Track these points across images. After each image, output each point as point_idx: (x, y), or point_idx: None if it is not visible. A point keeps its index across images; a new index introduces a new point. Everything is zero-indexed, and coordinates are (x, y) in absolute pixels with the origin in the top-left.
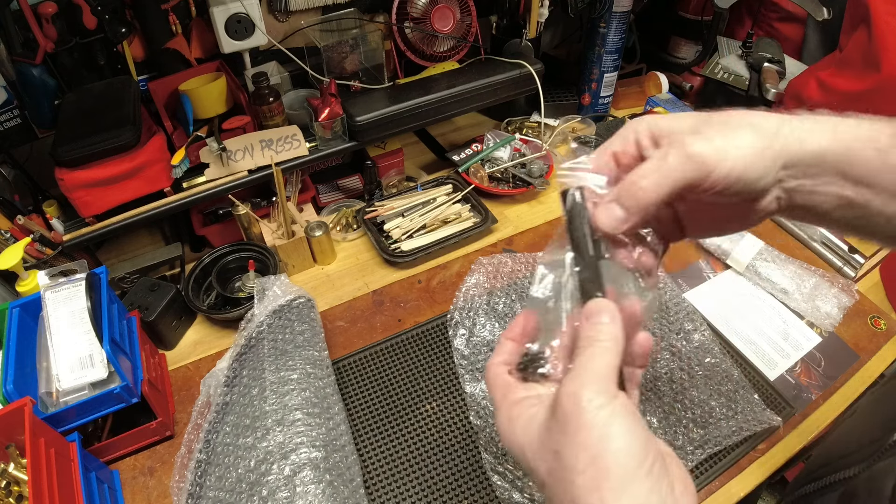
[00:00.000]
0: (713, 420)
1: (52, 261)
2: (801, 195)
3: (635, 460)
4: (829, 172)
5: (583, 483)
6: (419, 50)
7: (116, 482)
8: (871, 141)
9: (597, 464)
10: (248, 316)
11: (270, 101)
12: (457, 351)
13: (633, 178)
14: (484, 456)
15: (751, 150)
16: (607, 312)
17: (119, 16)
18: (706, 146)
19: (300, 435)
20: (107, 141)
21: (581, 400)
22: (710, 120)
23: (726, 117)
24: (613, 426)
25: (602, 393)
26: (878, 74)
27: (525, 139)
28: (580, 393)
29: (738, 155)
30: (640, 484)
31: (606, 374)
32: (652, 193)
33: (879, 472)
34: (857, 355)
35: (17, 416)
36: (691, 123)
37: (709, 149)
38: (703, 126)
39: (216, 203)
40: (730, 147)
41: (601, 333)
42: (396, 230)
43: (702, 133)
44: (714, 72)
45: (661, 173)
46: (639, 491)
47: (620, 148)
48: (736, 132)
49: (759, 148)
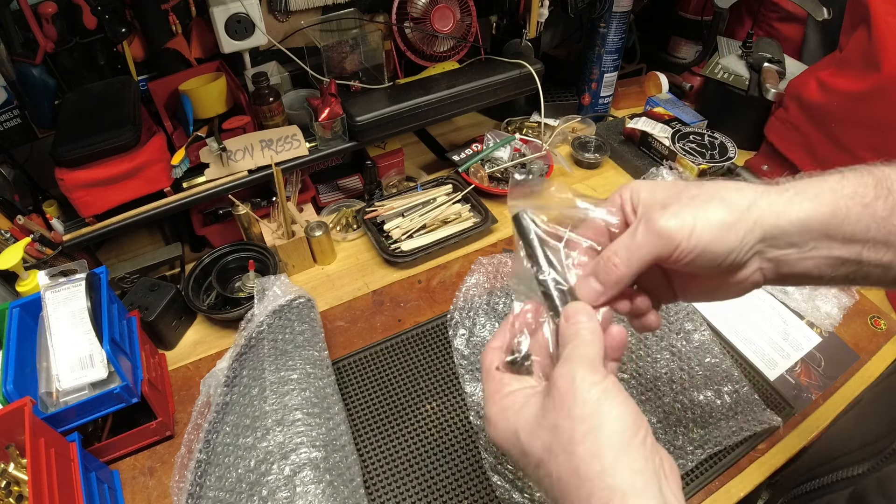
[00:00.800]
0: (713, 420)
1: (52, 261)
2: (787, 265)
3: (630, 430)
4: (815, 238)
5: (583, 451)
6: (419, 50)
7: (116, 482)
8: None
9: (595, 433)
10: (248, 316)
11: (270, 101)
12: (457, 351)
13: (607, 253)
14: (484, 456)
15: (717, 224)
16: (584, 312)
17: (119, 16)
18: (672, 222)
19: (300, 435)
20: (107, 141)
21: (575, 378)
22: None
23: (699, 190)
24: (607, 400)
25: (593, 373)
26: (878, 74)
27: (525, 139)
28: (574, 373)
29: (703, 230)
30: (636, 452)
31: (594, 359)
32: (623, 268)
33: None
34: (857, 355)
35: (17, 416)
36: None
37: (675, 224)
38: (673, 200)
39: (216, 203)
40: (697, 222)
41: (582, 329)
42: (396, 230)
43: (670, 208)
44: (714, 72)
45: (631, 250)
46: (635, 458)
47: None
48: (706, 206)
49: (727, 222)
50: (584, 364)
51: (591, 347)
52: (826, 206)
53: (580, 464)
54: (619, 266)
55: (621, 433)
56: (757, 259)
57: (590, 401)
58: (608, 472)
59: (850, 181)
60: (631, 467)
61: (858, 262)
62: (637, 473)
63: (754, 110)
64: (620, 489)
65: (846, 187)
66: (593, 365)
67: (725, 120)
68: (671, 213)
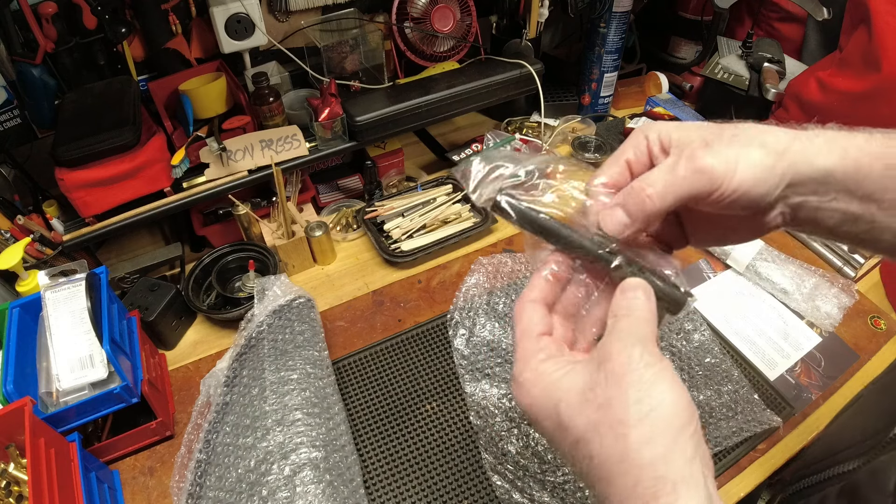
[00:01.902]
0: (713, 420)
1: (52, 261)
2: (805, 211)
3: (684, 419)
4: (836, 190)
5: (636, 436)
6: (419, 50)
7: (116, 482)
8: (881, 158)
9: (651, 418)
10: (248, 316)
11: (270, 101)
12: (457, 351)
13: (640, 184)
14: (484, 456)
15: (760, 166)
16: (643, 289)
17: (119, 16)
18: (716, 160)
19: (300, 435)
20: (107, 141)
21: (633, 357)
22: (722, 133)
23: (736, 130)
24: (664, 383)
25: (651, 353)
26: (878, 74)
27: (525, 139)
28: (631, 351)
29: (746, 171)
30: (690, 441)
31: (651, 339)
32: (658, 202)
33: (882, 467)
34: (857, 355)
35: (17, 416)
36: (702, 135)
37: (718, 162)
38: (713, 138)
39: (216, 203)
40: (740, 162)
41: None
42: (396, 230)
43: (712, 146)
44: (714, 72)
45: (669, 183)
46: (687, 447)
47: (634, 156)
48: (746, 148)
49: (767, 165)
50: (641, 343)
51: (648, 326)
52: (851, 161)
53: (629, 449)
54: (654, 198)
55: (675, 422)
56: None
57: (647, 383)
58: (660, 461)
59: (877, 140)
60: (684, 457)
61: (871, 222)
62: (688, 464)
63: (754, 110)
64: (672, 480)
65: (873, 145)
66: (650, 345)
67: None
68: (714, 152)
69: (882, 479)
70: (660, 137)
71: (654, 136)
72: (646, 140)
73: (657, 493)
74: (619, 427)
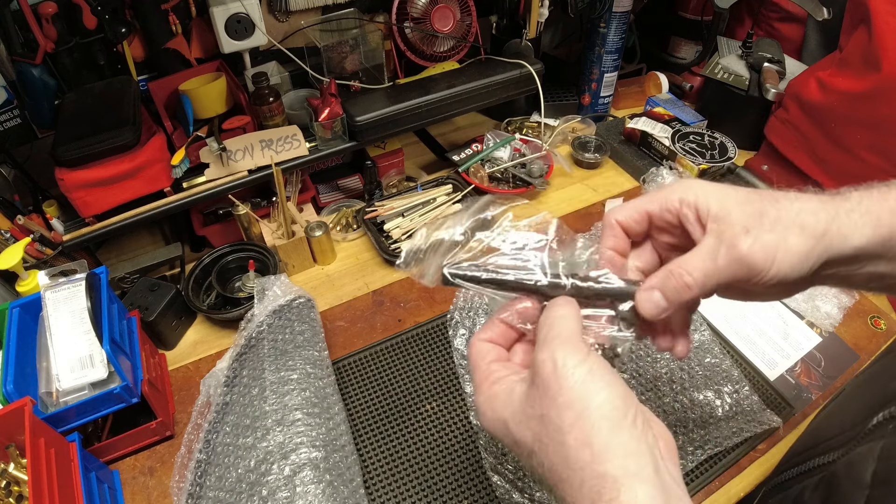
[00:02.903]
0: (713, 420)
1: (52, 261)
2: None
3: (619, 412)
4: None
5: (572, 441)
6: (419, 50)
7: (116, 482)
8: None
9: (582, 420)
10: (248, 316)
11: (270, 101)
12: (457, 351)
13: (678, 270)
14: (484, 456)
15: (798, 254)
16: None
17: (119, 16)
18: (757, 248)
19: (300, 435)
20: (107, 141)
21: (556, 362)
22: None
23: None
24: (592, 382)
25: (574, 353)
26: (878, 74)
27: (525, 139)
28: (554, 356)
29: (784, 260)
30: (627, 434)
31: (572, 336)
32: (696, 290)
33: (858, 458)
34: (857, 355)
35: (17, 416)
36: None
37: (760, 253)
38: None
39: (216, 203)
40: (779, 251)
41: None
42: (396, 230)
43: (752, 232)
44: (714, 72)
45: (710, 272)
46: (627, 440)
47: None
48: (787, 232)
49: (805, 251)
50: (562, 345)
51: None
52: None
53: (570, 453)
54: (693, 287)
55: (609, 416)
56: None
57: (575, 384)
58: (598, 459)
59: None
60: (622, 450)
61: None
62: (629, 457)
63: (754, 110)
64: (612, 475)
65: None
66: (573, 343)
67: (725, 120)
68: (754, 238)
69: (859, 470)
70: (696, 205)
71: (691, 200)
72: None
73: (601, 492)
74: (556, 434)
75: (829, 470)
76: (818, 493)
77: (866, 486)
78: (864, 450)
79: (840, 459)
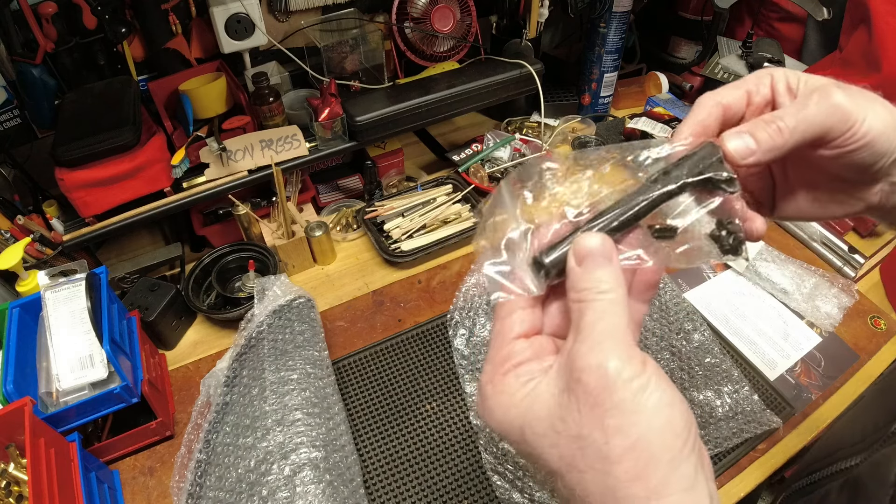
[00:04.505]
0: (713, 421)
1: (52, 261)
2: None
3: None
4: None
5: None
6: (419, 50)
7: (116, 482)
8: None
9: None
10: (248, 316)
11: (270, 101)
12: (457, 351)
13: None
14: (484, 456)
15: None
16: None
17: (119, 16)
18: (850, 101)
19: (300, 435)
20: (107, 141)
21: (608, 373)
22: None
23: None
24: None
25: (630, 361)
26: (878, 74)
27: (525, 139)
28: (605, 363)
29: (875, 119)
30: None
31: (623, 334)
32: (787, 135)
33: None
34: (857, 355)
35: (17, 416)
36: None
37: (851, 103)
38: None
39: (216, 203)
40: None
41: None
42: (396, 230)
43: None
44: (714, 72)
45: (800, 118)
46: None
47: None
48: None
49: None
50: (614, 349)
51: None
52: None
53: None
54: (784, 131)
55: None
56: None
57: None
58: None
59: None
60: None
61: None
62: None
63: None
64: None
65: None
66: (624, 347)
67: None
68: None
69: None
70: (787, 78)
71: (781, 75)
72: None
73: None
74: (600, 464)
75: (853, 473)
76: (844, 494)
77: (891, 485)
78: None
79: (864, 462)
